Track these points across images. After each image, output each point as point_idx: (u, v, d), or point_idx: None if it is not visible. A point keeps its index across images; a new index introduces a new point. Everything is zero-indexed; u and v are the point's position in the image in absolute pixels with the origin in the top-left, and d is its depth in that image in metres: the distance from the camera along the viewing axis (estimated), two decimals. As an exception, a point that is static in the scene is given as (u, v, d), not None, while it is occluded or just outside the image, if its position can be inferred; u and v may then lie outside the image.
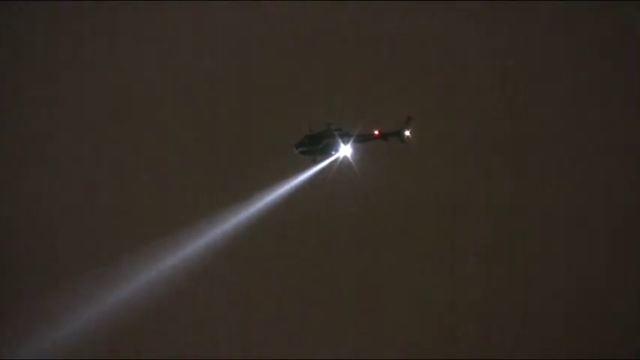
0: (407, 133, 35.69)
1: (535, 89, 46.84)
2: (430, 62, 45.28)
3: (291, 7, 45.97)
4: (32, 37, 48.37)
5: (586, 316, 45.45)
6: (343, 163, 36.63)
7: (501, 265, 46.12)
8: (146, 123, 47.44)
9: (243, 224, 44.08)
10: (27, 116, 48.61)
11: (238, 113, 45.72)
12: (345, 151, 36.06)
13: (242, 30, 47.00)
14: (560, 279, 46.26)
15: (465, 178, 45.72)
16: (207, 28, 47.77)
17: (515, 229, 46.25)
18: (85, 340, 47.05)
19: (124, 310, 46.64)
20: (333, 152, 36.35)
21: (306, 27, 45.81)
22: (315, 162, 36.58)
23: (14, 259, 47.52)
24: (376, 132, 35.91)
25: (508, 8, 46.99)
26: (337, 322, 45.14)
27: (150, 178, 47.23)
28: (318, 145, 35.92)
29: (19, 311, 46.98)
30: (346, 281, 45.40)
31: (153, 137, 47.19)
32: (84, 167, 47.86)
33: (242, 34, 47.18)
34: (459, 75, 45.89)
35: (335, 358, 45.21)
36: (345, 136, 35.97)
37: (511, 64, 46.72)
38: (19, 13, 48.20)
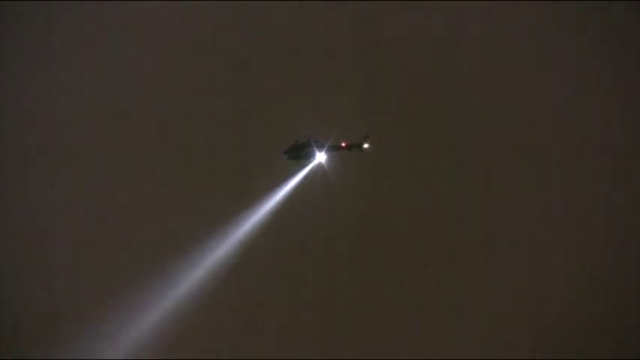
0: (365, 145, 48.06)
1: (533, 89, 48.35)
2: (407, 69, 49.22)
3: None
4: (31, 36, 48.62)
5: (586, 317, 46.07)
6: (319, 167, 49.01)
7: (486, 265, 47.70)
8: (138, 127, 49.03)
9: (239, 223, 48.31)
10: (24, 120, 48.55)
11: (233, 119, 49.82)
12: (320, 157, 48.38)
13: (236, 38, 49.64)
14: (559, 280, 47.00)
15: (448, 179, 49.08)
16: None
17: (506, 229, 47.95)
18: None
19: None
20: (312, 158, 48.52)
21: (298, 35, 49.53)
22: (299, 165, 48.80)
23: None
24: (343, 144, 48.28)
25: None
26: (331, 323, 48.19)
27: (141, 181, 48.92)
28: (300, 152, 47.99)
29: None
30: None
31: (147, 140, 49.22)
32: (74, 170, 48.65)
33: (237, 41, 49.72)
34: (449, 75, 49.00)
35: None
36: (321, 146, 48.22)
37: (506, 64, 48.60)
38: (18, 12, 48.05)
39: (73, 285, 47.94)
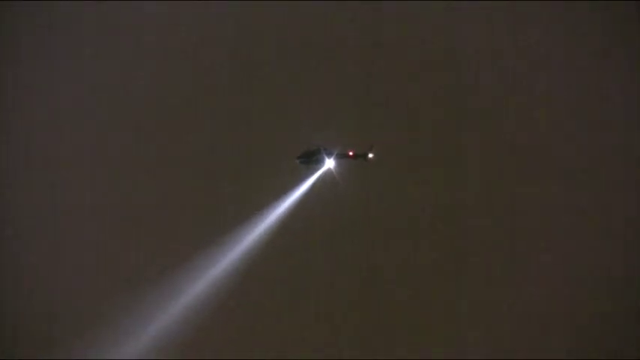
0: (370, 155, 53.92)
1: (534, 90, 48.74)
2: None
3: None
4: (31, 35, 48.01)
5: (586, 317, 46.39)
6: (328, 172, 54.86)
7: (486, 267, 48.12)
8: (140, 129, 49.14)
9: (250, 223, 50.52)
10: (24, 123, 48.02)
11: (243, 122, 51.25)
12: (329, 164, 54.20)
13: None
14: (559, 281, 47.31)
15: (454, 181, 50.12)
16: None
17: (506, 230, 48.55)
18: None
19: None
20: (322, 164, 54.44)
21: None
22: (309, 170, 54.98)
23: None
24: (350, 153, 54.12)
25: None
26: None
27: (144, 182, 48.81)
28: (312, 158, 53.90)
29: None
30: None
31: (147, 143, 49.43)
32: (76, 170, 48.43)
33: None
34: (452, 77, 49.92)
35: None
36: (330, 154, 54.03)
37: (508, 65, 48.88)
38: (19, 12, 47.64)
39: (73, 285, 48.23)
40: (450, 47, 49.95)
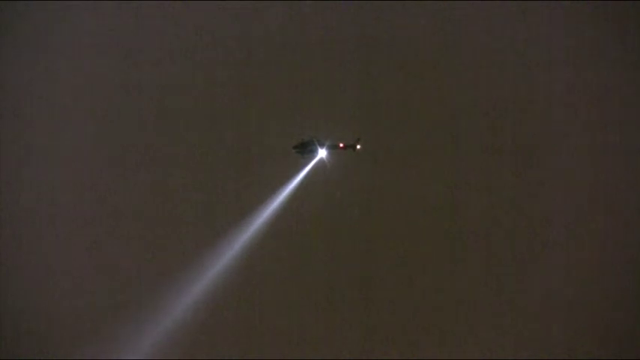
0: (358, 146, 55.14)
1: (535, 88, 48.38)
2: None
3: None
4: (31, 35, 47.67)
5: (586, 317, 46.11)
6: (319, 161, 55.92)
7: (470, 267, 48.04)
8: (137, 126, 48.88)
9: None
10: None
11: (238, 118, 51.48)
12: (322, 154, 55.59)
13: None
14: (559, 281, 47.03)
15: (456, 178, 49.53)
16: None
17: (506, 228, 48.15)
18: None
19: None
20: (315, 154, 55.87)
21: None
22: (304, 159, 55.93)
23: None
24: (341, 144, 55.50)
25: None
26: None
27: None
28: (306, 148, 55.74)
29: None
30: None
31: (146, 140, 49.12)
32: (77, 170, 48.15)
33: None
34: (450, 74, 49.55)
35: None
36: (323, 145, 55.65)
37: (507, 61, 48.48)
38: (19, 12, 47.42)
39: (73, 285, 48.29)
40: (450, 47, 49.68)
